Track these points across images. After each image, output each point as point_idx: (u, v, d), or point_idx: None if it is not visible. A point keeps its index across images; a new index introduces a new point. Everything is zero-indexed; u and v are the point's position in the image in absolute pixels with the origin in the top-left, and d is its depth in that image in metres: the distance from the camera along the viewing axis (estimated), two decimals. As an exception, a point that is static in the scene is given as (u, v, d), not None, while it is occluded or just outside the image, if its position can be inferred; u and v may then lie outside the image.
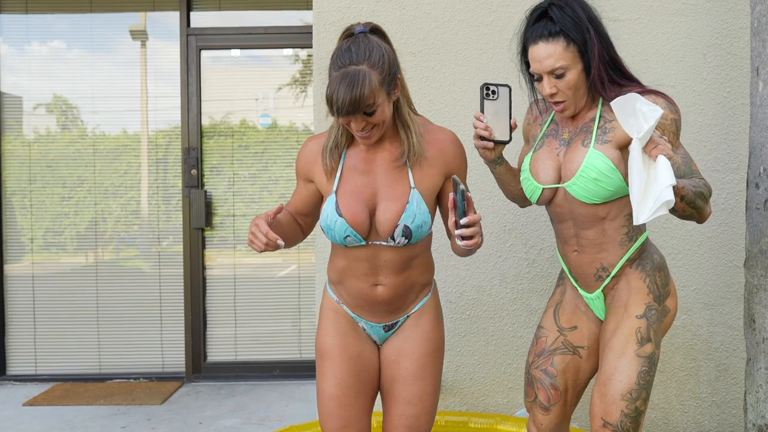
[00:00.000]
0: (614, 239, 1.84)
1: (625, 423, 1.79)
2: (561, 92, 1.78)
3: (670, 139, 1.73)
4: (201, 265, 4.09)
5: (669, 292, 1.90)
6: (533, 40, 1.76)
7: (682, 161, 1.72)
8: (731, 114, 2.88)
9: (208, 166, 4.11)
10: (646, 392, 1.80)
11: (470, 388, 2.97)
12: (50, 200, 4.12)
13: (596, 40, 1.73)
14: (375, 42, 1.70)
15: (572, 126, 1.87)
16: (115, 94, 4.16)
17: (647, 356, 1.80)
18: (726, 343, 2.92)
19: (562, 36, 1.73)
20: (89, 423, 3.33)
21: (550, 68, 1.75)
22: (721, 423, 2.94)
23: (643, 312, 1.83)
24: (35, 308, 4.11)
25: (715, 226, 2.91)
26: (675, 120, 1.74)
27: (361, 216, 1.79)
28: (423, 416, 1.90)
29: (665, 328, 1.90)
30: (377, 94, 1.66)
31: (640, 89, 1.78)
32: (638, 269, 1.86)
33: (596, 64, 1.74)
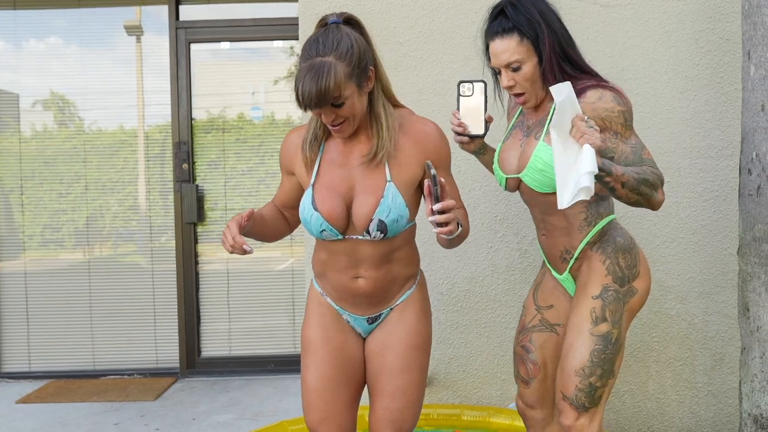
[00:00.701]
0: (574, 224, 1.92)
1: (579, 397, 1.87)
2: (519, 84, 1.88)
3: (618, 130, 1.80)
4: (194, 260, 4.07)
5: (637, 274, 1.94)
6: (491, 37, 1.88)
7: (631, 150, 1.81)
8: (724, 99, 2.83)
9: (204, 160, 4.08)
10: (601, 370, 1.87)
11: (463, 380, 2.94)
12: (48, 197, 4.10)
13: (547, 34, 1.83)
14: (345, 33, 1.67)
15: (535, 117, 1.96)
16: (111, 90, 4.13)
17: (601, 335, 1.87)
18: (721, 332, 2.89)
19: (516, 31, 1.83)
20: (82, 420, 3.31)
21: (506, 62, 1.86)
22: (717, 413, 2.91)
23: (598, 293, 1.90)
24: (28, 305, 4.10)
25: (709, 213, 2.87)
26: (622, 112, 1.81)
27: (337, 210, 1.77)
28: (407, 410, 1.87)
29: (632, 308, 1.95)
30: (344, 86, 1.64)
31: (595, 81, 1.85)
32: (599, 252, 1.93)
33: (547, 57, 1.83)
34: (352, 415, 1.92)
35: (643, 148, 1.82)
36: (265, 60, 4.21)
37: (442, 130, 1.85)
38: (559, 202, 1.65)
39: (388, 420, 1.86)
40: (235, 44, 4.15)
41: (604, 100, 1.79)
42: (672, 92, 2.84)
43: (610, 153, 1.81)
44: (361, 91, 1.70)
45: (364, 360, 1.95)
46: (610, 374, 1.89)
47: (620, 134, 1.80)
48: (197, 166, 4.08)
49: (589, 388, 1.87)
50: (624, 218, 2.86)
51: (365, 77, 1.69)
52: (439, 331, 2.93)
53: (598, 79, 1.88)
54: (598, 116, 1.79)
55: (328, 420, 1.87)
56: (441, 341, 2.94)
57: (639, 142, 1.83)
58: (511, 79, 1.87)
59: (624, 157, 1.79)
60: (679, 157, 2.86)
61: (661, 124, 2.85)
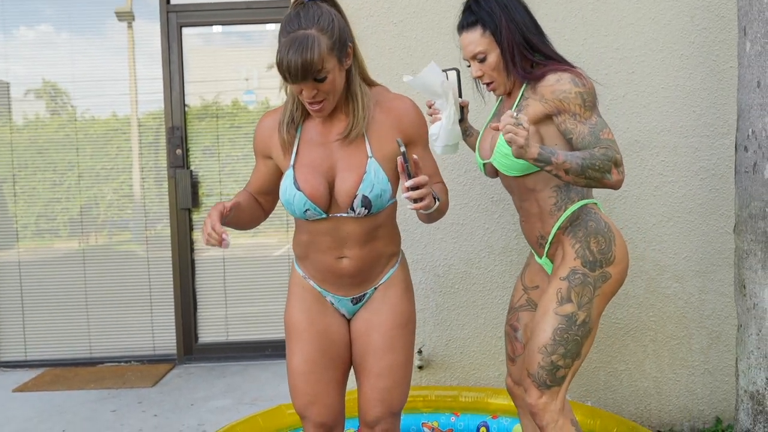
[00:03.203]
0: (545, 209, 2.00)
1: (541, 374, 1.93)
2: (486, 74, 1.99)
3: (576, 111, 1.86)
4: (190, 247, 4.06)
5: (611, 259, 1.96)
6: (459, 31, 2.01)
7: (588, 131, 1.85)
8: (720, 77, 2.82)
9: (198, 147, 4.06)
10: (564, 349, 1.91)
11: (460, 362, 2.95)
12: (41, 186, 4.07)
13: (506, 25, 1.93)
14: (326, 9, 1.68)
15: (508, 106, 2.05)
16: (103, 77, 4.10)
17: (565, 315, 1.92)
18: (718, 311, 2.90)
19: (479, 25, 1.95)
20: (79, 407, 3.31)
21: (471, 53, 1.98)
22: (713, 390, 2.92)
23: (566, 275, 1.94)
24: (23, 295, 4.08)
25: (705, 192, 2.87)
26: (580, 93, 1.86)
27: (320, 189, 1.77)
28: (395, 389, 1.88)
29: (606, 293, 1.97)
30: (327, 59, 1.64)
31: (555, 66, 1.92)
32: (570, 236, 1.98)
33: (507, 46, 1.93)
34: (339, 397, 1.93)
35: (603, 128, 1.86)
36: (258, 45, 4.17)
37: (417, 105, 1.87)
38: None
39: (377, 399, 1.86)
40: (227, 29, 4.11)
41: (561, 83, 1.87)
42: (667, 71, 2.83)
43: (568, 134, 1.87)
44: (341, 66, 1.70)
45: (349, 341, 1.95)
46: (575, 355, 1.93)
47: (578, 115, 1.86)
48: (191, 152, 4.06)
49: (551, 366, 1.92)
50: (620, 199, 2.86)
51: (345, 53, 1.70)
52: (436, 312, 2.93)
53: (562, 64, 1.95)
54: (556, 98, 1.87)
55: (316, 403, 1.88)
56: (438, 323, 2.94)
57: (600, 121, 1.87)
58: (479, 69, 1.99)
59: (582, 138, 1.85)
60: (675, 136, 2.85)
61: (656, 103, 2.84)
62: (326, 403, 1.89)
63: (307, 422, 1.91)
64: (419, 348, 2.90)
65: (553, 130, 1.92)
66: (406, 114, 1.82)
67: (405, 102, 1.84)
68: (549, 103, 1.89)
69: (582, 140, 1.85)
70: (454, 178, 2.88)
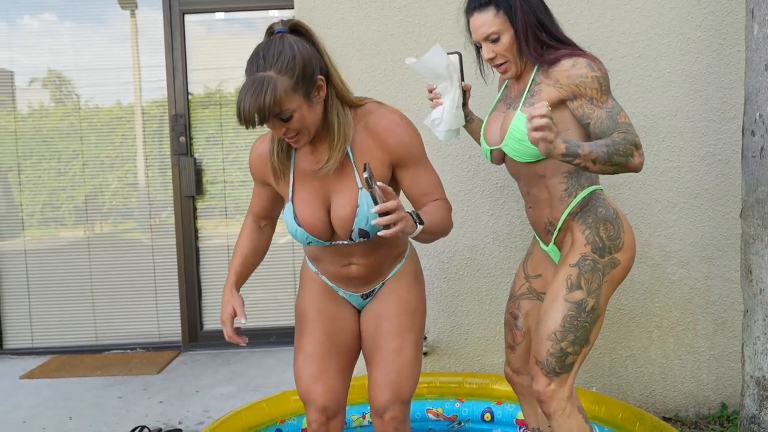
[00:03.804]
0: (555, 195, 1.97)
1: (550, 362, 1.91)
2: (499, 56, 1.94)
3: (593, 95, 1.84)
4: (194, 235, 4.06)
5: (620, 245, 1.95)
6: (469, 13, 1.96)
7: (606, 115, 1.83)
8: (727, 61, 2.79)
9: (201, 135, 4.05)
10: (573, 336, 1.90)
11: (465, 348, 2.94)
12: (46, 175, 4.08)
13: (521, 5, 1.89)
14: (290, 43, 1.62)
15: (517, 89, 2.01)
16: (106, 66, 4.09)
17: (575, 302, 1.90)
18: (724, 296, 2.88)
19: (492, 5, 1.91)
20: (85, 394, 3.32)
21: (484, 35, 1.93)
22: (719, 376, 2.91)
23: (576, 261, 1.93)
24: (29, 282, 4.09)
25: (711, 177, 2.84)
26: (596, 77, 1.84)
27: (319, 224, 1.79)
28: (403, 371, 1.88)
29: (614, 280, 1.96)
30: (288, 100, 1.60)
31: (569, 50, 1.90)
32: (579, 222, 1.96)
33: (522, 27, 1.89)
34: (343, 383, 1.94)
35: (620, 112, 1.84)
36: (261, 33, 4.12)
37: (406, 119, 1.79)
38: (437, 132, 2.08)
39: (384, 384, 1.87)
40: (229, 16, 4.09)
41: (577, 67, 1.84)
42: (674, 54, 2.80)
43: (585, 119, 1.85)
44: (311, 101, 1.65)
45: (358, 332, 1.98)
46: (584, 342, 1.93)
47: (595, 99, 1.84)
48: (195, 140, 4.05)
49: (561, 353, 1.91)
50: (625, 184, 2.84)
51: (313, 87, 1.64)
52: (440, 299, 2.93)
53: (574, 48, 1.93)
54: (573, 83, 1.84)
55: (319, 383, 1.89)
56: (442, 309, 2.93)
57: (616, 105, 1.85)
58: (491, 51, 1.94)
59: (600, 122, 1.83)
60: (681, 120, 2.83)
61: (662, 87, 2.81)
62: (329, 386, 1.89)
63: (310, 406, 1.91)
64: (424, 334, 2.89)
65: (567, 115, 1.89)
66: (391, 135, 1.75)
67: (388, 121, 1.76)
68: (564, 88, 1.86)
69: (600, 125, 1.82)
70: (458, 164, 2.87)
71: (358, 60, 2.86)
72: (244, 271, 2.02)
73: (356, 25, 2.85)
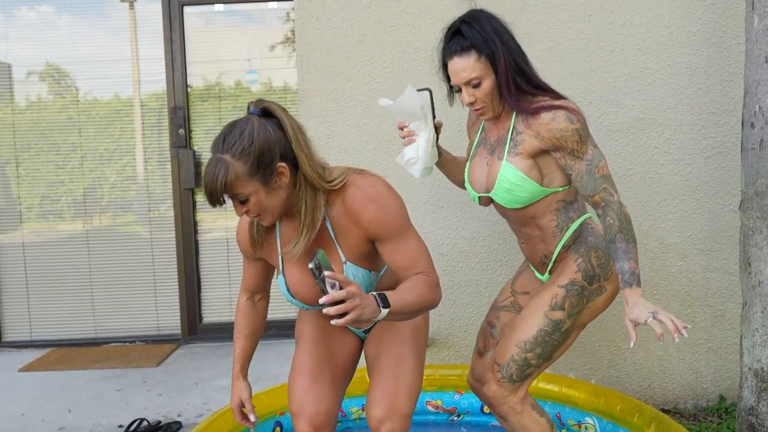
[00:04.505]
0: (547, 232, 2.01)
1: (510, 367, 1.96)
2: (479, 100, 1.93)
3: (574, 147, 1.87)
4: (193, 228, 4.06)
5: (609, 274, 2.01)
6: (449, 56, 1.92)
7: (586, 169, 1.88)
8: (727, 54, 2.79)
9: (201, 128, 4.04)
10: (541, 350, 1.96)
11: (464, 341, 2.95)
12: (45, 168, 4.07)
13: (503, 51, 1.88)
14: (253, 128, 1.61)
15: (495, 134, 2.02)
16: (105, 59, 4.08)
17: (554, 320, 1.96)
18: (722, 289, 2.89)
19: (473, 49, 1.88)
20: (84, 387, 3.33)
21: (466, 80, 1.90)
22: (717, 369, 2.92)
23: (565, 283, 1.98)
24: (28, 276, 4.09)
25: (710, 170, 2.85)
26: (576, 130, 1.86)
27: (312, 293, 1.80)
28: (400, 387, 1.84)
29: (597, 308, 2.02)
30: (241, 184, 1.60)
31: (548, 100, 1.90)
32: (572, 252, 2.01)
33: (503, 73, 1.88)
34: (335, 396, 1.93)
35: (599, 163, 1.88)
36: (260, 25, 4.14)
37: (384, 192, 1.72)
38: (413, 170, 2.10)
39: (380, 397, 1.83)
40: (228, 8, 4.08)
41: (557, 121, 1.85)
42: (674, 47, 2.80)
43: (568, 169, 1.90)
44: (270, 187, 1.64)
45: (355, 355, 2.02)
46: (547, 358, 1.98)
47: (576, 150, 1.87)
48: (194, 134, 4.04)
49: (524, 362, 1.95)
50: (625, 177, 2.84)
51: (272, 174, 1.63)
52: (439, 292, 2.93)
53: (552, 95, 1.93)
54: (553, 136, 1.86)
55: (311, 394, 1.89)
56: (442, 302, 2.90)
57: (596, 153, 1.89)
58: (472, 95, 1.92)
59: (580, 176, 1.89)
60: (681, 113, 2.83)
61: (662, 80, 2.81)
62: (320, 399, 1.88)
63: (299, 417, 1.89)
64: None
65: (551, 160, 1.93)
66: (364, 211, 1.71)
67: (363, 195, 1.71)
68: (546, 140, 1.88)
69: (580, 179, 1.89)
70: (457, 156, 2.87)
71: (359, 52, 2.85)
72: (247, 354, 2.05)
73: (356, 16, 2.84)
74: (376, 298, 1.54)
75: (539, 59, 2.81)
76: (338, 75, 2.87)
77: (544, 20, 2.81)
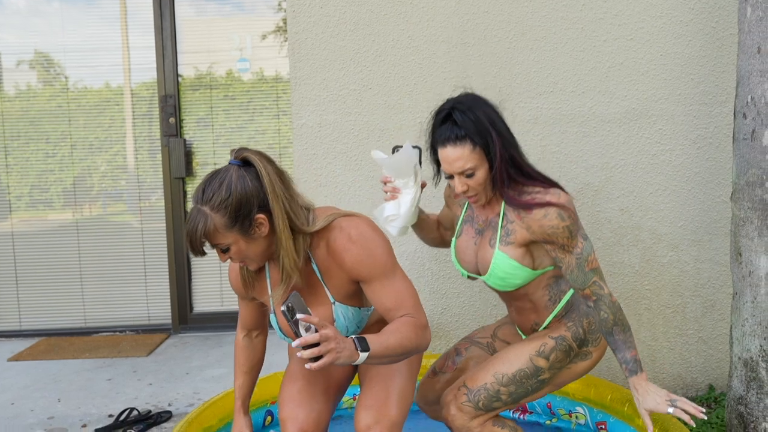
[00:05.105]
0: (540, 305, 2.03)
1: (480, 394, 1.95)
2: (471, 189, 1.91)
3: (564, 242, 1.87)
4: (184, 218, 4.03)
5: (598, 341, 2.05)
6: (441, 143, 1.88)
7: (576, 263, 1.89)
8: (719, 44, 2.79)
9: (192, 118, 4.02)
10: (515, 389, 1.96)
11: (456, 330, 2.95)
12: (34, 157, 4.04)
13: (497, 141, 1.85)
14: (231, 180, 1.63)
15: (483, 215, 2.02)
16: (95, 47, 4.04)
17: (535, 366, 1.98)
18: (713, 279, 2.90)
19: (468, 139, 1.84)
20: (74, 376, 3.31)
21: (460, 170, 1.87)
22: (707, 358, 2.94)
23: (556, 336, 2.00)
24: (17, 265, 4.06)
25: (702, 161, 2.85)
26: (566, 227, 1.86)
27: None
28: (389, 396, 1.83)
29: (577, 371, 2.06)
30: (220, 235, 1.63)
31: (540, 187, 1.90)
32: (564, 319, 2.04)
33: (497, 164, 1.86)
34: (326, 405, 1.93)
35: (588, 257, 1.89)
36: (251, 14, 4.11)
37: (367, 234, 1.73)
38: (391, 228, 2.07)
39: (367, 406, 1.82)
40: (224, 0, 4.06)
41: (548, 218, 1.85)
42: (666, 37, 2.80)
43: (558, 261, 1.92)
44: (249, 236, 1.66)
45: (351, 373, 2.03)
46: (515, 400, 1.99)
47: (566, 245, 1.88)
48: (185, 123, 4.02)
49: (495, 394, 1.95)
50: (616, 167, 2.85)
51: (250, 225, 1.65)
52: (432, 281, 2.93)
53: (542, 184, 1.91)
54: (544, 232, 1.86)
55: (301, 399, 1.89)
56: (434, 292, 2.93)
57: (585, 246, 1.90)
58: (465, 184, 1.90)
59: (570, 270, 1.90)
60: (673, 104, 2.83)
61: (655, 70, 2.81)
62: (311, 404, 1.87)
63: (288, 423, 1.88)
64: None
65: (542, 247, 1.94)
66: (347, 254, 1.72)
67: (346, 238, 1.72)
68: (537, 234, 1.88)
69: (570, 273, 1.90)
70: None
71: (351, 40, 2.84)
72: (247, 390, 2.08)
73: (349, 4, 2.82)
74: (355, 341, 1.53)
75: (532, 49, 2.81)
76: (330, 63, 2.85)
77: (538, 9, 2.80)
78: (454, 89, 2.82)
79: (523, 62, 2.82)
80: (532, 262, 1.94)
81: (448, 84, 2.82)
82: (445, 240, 2.29)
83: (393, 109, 2.86)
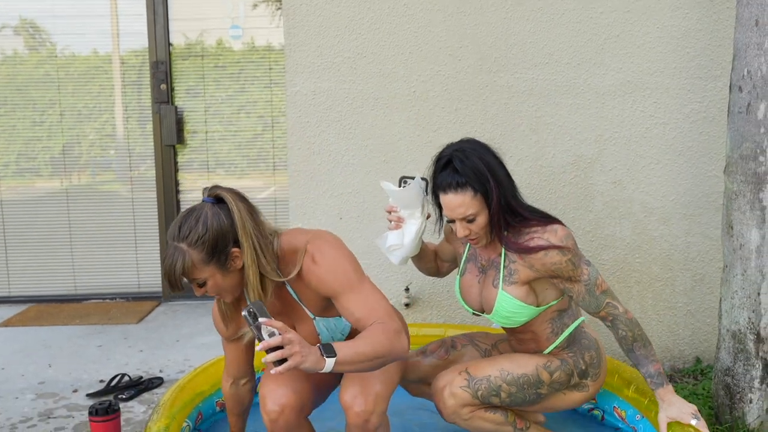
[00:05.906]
0: (542, 337, 2.07)
1: (481, 383, 1.99)
2: (473, 233, 1.95)
3: (570, 275, 1.93)
4: (175, 188, 4.02)
5: (597, 375, 2.10)
6: (443, 189, 1.92)
7: (585, 290, 1.95)
8: (716, 17, 2.79)
9: (182, 87, 3.97)
10: (516, 391, 2.01)
11: (447, 300, 2.96)
12: (21, 124, 3.98)
13: (496, 190, 1.89)
14: (206, 217, 1.68)
15: (486, 255, 2.06)
16: (83, 13, 3.97)
17: (539, 377, 2.03)
18: (703, 253, 2.92)
19: (469, 187, 1.89)
20: (64, 343, 3.30)
21: (461, 216, 1.92)
22: (695, 331, 2.97)
23: (561, 359, 2.06)
24: (6, 232, 4.03)
25: (695, 135, 2.86)
26: (569, 260, 1.92)
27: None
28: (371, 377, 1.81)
29: (569, 401, 2.10)
30: (197, 270, 1.68)
31: (538, 226, 1.93)
32: (565, 351, 2.09)
33: (495, 210, 1.91)
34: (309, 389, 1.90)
35: (596, 281, 1.95)
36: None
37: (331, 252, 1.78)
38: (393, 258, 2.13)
39: (353, 381, 1.80)
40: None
41: (550, 256, 1.90)
42: (663, 10, 2.79)
43: (568, 292, 1.98)
44: (226, 270, 1.71)
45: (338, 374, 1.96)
46: (511, 402, 2.02)
47: (573, 277, 1.94)
48: (176, 91, 3.98)
49: (496, 389, 2.00)
50: (610, 140, 2.85)
51: (226, 258, 1.70)
52: (423, 252, 2.93)
53: (539, 222, 1.95)
54: (548, 269, 1.92)
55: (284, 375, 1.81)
56: (425, 262, 2.93)
57: (591, 273, 1.95)
58: (467, 228, 1.94)
59: (581, 298, 1.96)
60: (667, 77, 2.83)
61: (650, 43, 2.80)
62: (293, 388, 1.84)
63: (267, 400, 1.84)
64: (406, 286, 2.91)
65: (544, 280, 1.97)
66: (311, 275, 1.78)
67: (309, 260, 1.77)
68: (540, 271, 1.93)
69: (582, 300, 1.97)
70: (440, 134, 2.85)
71: (346, 7, 2.81)
72: (242, 425, 2.13)
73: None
74: (320, 347, 1.56)
75: (528, 20, 2.79)
76: (325, 30, 2.82)
77: (535, -21, 2.78)
78: (450, 58, 2.81)
79: (519, 33, 2.80)
80: (536, 299, 1.99)
81: (444, 53, 2.80)
82: (441, 271, 2.36)
83: (387, 77, 2.84)
